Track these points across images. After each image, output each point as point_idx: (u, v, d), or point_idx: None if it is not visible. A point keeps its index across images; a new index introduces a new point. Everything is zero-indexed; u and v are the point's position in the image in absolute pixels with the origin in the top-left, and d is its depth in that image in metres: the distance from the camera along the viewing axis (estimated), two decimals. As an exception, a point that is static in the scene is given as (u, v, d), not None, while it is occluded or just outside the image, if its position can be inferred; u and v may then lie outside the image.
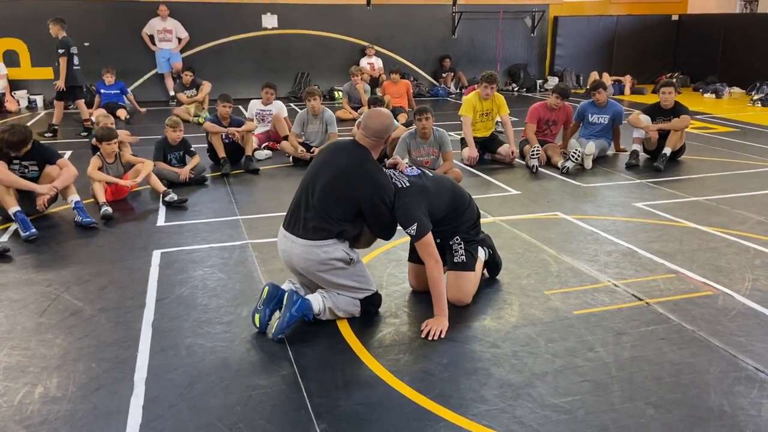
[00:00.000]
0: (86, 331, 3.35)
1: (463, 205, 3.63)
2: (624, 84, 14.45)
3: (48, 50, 12.08)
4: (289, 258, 3.38)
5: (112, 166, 5.77)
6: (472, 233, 3.72)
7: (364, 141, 3.39)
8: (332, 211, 3.27)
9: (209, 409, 2.68)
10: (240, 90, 11.98)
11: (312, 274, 3.34)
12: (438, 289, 3.36)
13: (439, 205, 3.47)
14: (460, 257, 3.63)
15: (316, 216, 3.27)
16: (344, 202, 3.28)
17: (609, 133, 7.71)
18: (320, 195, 3.28)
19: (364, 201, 3.27)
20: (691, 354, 3.10)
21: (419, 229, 3.27)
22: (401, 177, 3.41)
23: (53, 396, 2.76)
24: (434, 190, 3.47)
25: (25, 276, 4.11)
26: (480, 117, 7.36)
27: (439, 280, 3.35)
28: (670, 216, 5.31)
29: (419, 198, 3.35)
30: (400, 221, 3.32)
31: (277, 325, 3.21)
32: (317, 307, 3.32)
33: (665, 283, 3.94)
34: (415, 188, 3.37)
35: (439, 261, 3.35)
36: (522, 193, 6.10)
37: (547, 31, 15.35)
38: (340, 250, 3.30)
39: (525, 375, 2.93)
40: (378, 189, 3.28)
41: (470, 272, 3.65)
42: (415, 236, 3.30)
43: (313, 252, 3.26)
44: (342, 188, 3.27)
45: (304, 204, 3.34)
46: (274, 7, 13.18)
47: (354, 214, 3.32)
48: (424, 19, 14.17)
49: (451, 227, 3.60)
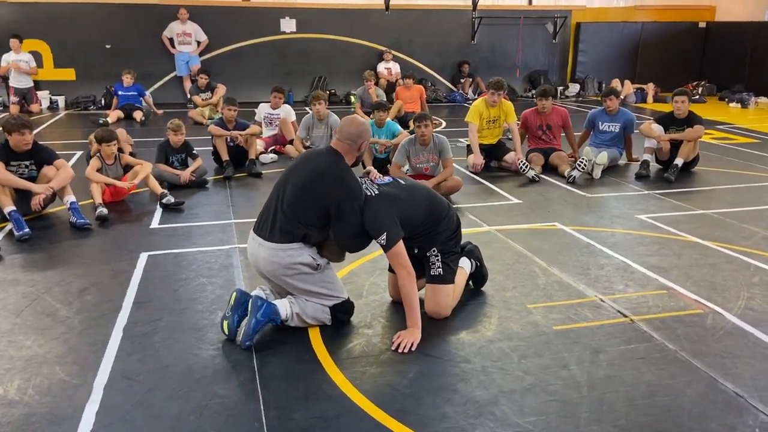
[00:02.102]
0: (57, 334, 3.35)
1: (440, 214, 3.51)
2: (647, 92, 14.17)
3: (70, 52, 12.38)
4: (256, 262, 3.34)
5: (111, 167, 5.81)
6: (450, 244, 3.57)
7: (338, 145, 3.35)
8: (300, 215, 3.23)
9: (163, 418, 2.64)
10: (257, 93, 12.04)
11: (279, 279, 3.29)
12: (410, 301, 3.28)
13: (413, 214, 3.38)
14: (437, 270, 3.51)
15: (284, 219, 3.24)
16: (313, 205, 3.23)
17: (620, 142, 7.53)
18: (290, 197, 3.25)
19: (331, 205, 3.21)
20: (670, 375, 2.97)
21: (389, 237, 3.20)
22: (371, 186, 3.36)
23: (11, 399, 2.75)
24: (407, 198, 3.39)
25: (11, 276, 4.14)
26: (487, 124, 7.25)
27: (411, 291, 3.27)
28: (672, 229, 5.15)
29: (389, 206, 3.28)
30: (369, 230, 3.24)
31: (243, 331, 3.17)
32: (284, 312, 3.26)
33: (654, 300, 3.80)
34: (384, 196, 3.31)
35: (411, 272, 3.27)
36: (523, 202, 5.98)
37: (569, 37, 15.13)
38: (306, 255, 3.25)
39: (491, 392, 2.84)
40: (347, 193, 3.22)
41: (447, 285, 3.53)
42: (386, 245, 3.22)
43: (279, 255, 3.22)
44: (312, 190, 3.24)
45: (273, 207, 3.31)
46: (292, 11, 13.23)
47: (322, 218, 3.26)
48: (443, 24, 14.08)
49: (428, 238, 3.49)
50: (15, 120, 5.06)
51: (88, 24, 12.30)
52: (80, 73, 12.49)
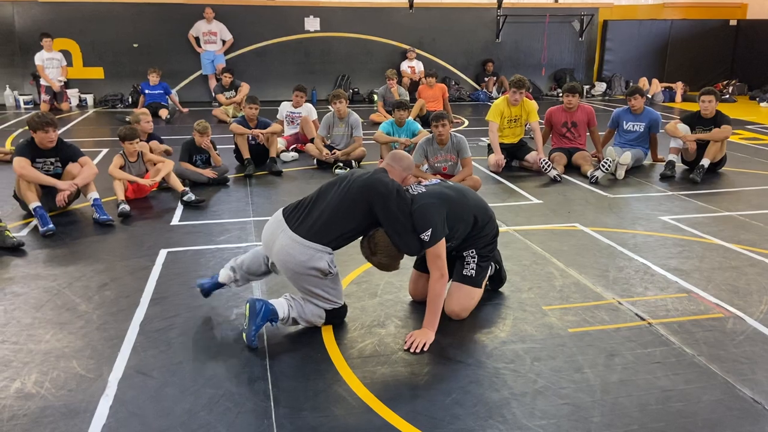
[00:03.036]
0: (76, 328, 3.41)
1: (485, 218, 3.51)
2: (675, 91, 13.92)
3: (98, 51, 12.60)
4: (270, 244, 3.33)
5: (134, 164, 5.90)
6: (487, 249, 3.56)
7: (386, 167, 3.49)
8: (342, 218, 3.22)
9: (174, 414, 2.67)
10: (282, 91, 12.14)
11: (286, 269, 3.26)
12: (435, 303, 3.26)
13: (461, 213, 3.38)
14: (470, 270, 3.51)
15: (322, 220, 3.22)
16: (357, 206, 3.23)
17: (645, 142, 7.41)
18: (335, 200, 3.26)
19: (376, 203, 3.20)
20: (685, 380, 2.91)
21: (434, 234, 3.19)
22: (417, 187, 3.42)
23: (28, 392, 2.80)
24: (457, 198, 3.42)
25: (33, 271, 4.23)
26: (508, 123, 7.20)
27: (440, 294, 3.25)
28: (696, 231, 5.05)
29: (439, 202, 3.29)
30: (416, 225, 3.21)
31: (246, 335, 3.17)
32: (282, 313, 3.25)
33: (674, 303, 3.73)
34: (434, 193, 3.35)
35: (444, 276, 3.26)
36: (543, 203, 5.92)
37: (596, 35, 14.94)
38: (324, 261, 3.21)
39: (502, 394, 2.81)
40: (391, 192, 3.22)
41: (475, 288, 3.54)
42: (428, 242, 3.20)
43: (298, 249, 3.19)
44: (357, 192, 3.24)
45: (314, 203, 3.31)
46: (317, 9, 13.28)
47: (366, 217, 3.25)
48: (468, 22, 14.01)
49: (470, 240, 3.49)
50: (40, 118, 5.16)
51: (117, 23, 12.51)
52: (108, 72, 12.72)
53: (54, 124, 5.23)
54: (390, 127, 6.88)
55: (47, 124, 5.14)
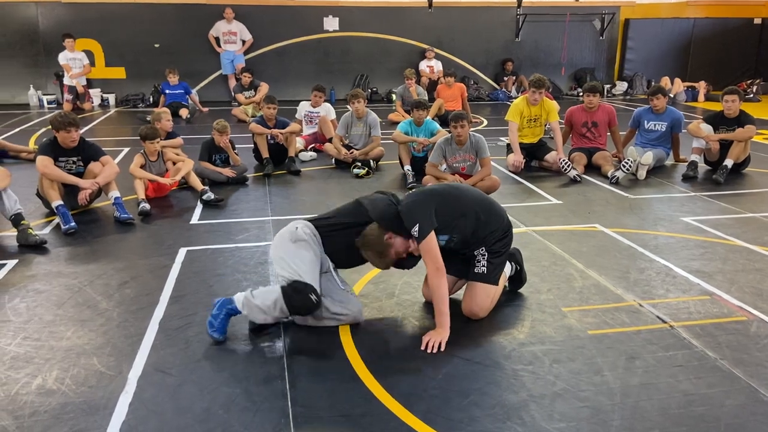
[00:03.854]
0: (96, 326, 3.44)
1: (488, 214, 3.46)
2: (698, 90, 13.73)
3: (120, 51, 12.73)
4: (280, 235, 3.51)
5: (154, 164, 5.96)
6: (498, 245, 3.50)
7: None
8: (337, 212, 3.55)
9: (192, 412, 2.68)
10: (300, 91, 12.18)
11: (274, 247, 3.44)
12: (438, 296, 3.25)
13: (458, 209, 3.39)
14: (481, 267, 3.47)
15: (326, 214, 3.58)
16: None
17: (667, 142, 7.32)
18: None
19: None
20: (708, 384, 2.87)
21: (421, 229, 3.21)
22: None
23: (49, 388, 2.84)
24: (448, 193, 3.48)
25: (55, 268, 4.28)
26: (527, 123, 7.15)
27: (439, 288, 3.24)
28: (719, 233, 4.97)
29: (423, 198, 3.36)
30: (405, 222, 3.26)
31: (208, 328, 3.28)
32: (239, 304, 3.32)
33: (696, 306, 3.67)
34: (417, 192, 3.45)
35: (440, 268, 3.25)
36: (563, 203, 5.87)
37: (617, 34, 14.79)
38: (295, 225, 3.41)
39: (521, 396, 2.79)
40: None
41: (489, 285, 3.48)
42: (418, 237, 3.23)
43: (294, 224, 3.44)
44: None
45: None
46: (336, 9, 13.31)
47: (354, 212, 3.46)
48: (487, 21, 13.95)
49: (476, 238, 3.45)
50: (62, 118, 5.22)
51: (138, 24, 12.64)
52: (130, 72, 12.86)
53: (76, 124, 5.29)
54: (408, 126, 6.86)
55: (70, 124, 5.21)
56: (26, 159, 7.58)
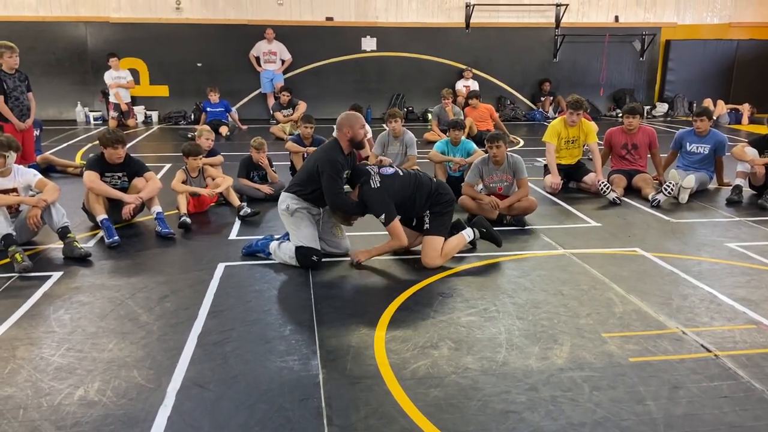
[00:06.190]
0: (137, 339, 3.50)
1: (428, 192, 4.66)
2: (741, 113, 13.44)
3: (164, 70, 13.08)
4: None
5: (195, 180, 6.08)
6: (437, 209, 4.68)
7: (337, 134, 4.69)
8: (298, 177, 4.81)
9: (229, 427, 2.70)
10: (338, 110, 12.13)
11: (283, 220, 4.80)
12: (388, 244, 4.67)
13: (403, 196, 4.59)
14: (426, 224, 4.70)
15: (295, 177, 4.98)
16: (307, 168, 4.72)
17: (710, 165, 7.17)
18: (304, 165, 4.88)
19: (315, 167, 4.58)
20: (754, 417, 2.77)
21: (387, 217, 4.51)
22: (376, 177, 4.54)
23: (90, 400, 2.89)
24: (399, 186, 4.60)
25: (98, 281, 4.38)
26: (565, 144, 7.09)
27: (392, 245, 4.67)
28: (765, 260, 4.83)
29: (386, 193, 4.50)
30: (371, 211, 4.56)
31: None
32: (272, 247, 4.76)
33: (742, 335, 3.56)
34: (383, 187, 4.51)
35: (403, 242, 4.64)
36: (602, 226, 5.78)
37: (658, 55, 14.62)
38: (285, 204, 4.67)
39: (560, 423, 2.74)
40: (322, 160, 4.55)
41: (435, 237, 4.63)
42: (385, 222, 4.54)
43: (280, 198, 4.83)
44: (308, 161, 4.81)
45: None
46: (373, 30, 13.46)
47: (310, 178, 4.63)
48: (525, 42, 13.94)
49: (417, 208, 4.67)
50: (110, 135, 5.37)
51: (182, 43, 12.98)
52: (173, 90, 13.20)
53: (123, 141, 5.44)
54: (445, 146, 6.87)
55: (117, 142, 5.35)
56: (72, 174, 7.81)
